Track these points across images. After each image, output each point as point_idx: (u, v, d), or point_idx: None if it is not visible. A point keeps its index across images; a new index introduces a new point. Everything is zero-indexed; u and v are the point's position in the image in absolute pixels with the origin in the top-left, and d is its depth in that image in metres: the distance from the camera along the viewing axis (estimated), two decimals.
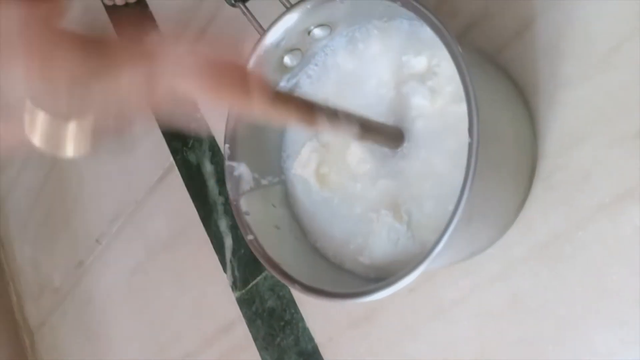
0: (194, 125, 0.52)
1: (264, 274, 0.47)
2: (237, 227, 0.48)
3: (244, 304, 0.48)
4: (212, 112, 0.52)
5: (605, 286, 0.30)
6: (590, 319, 0.30)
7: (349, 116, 0.28)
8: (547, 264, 0.32)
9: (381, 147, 0.31)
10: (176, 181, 0.55)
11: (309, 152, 0.35)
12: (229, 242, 0.50)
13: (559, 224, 0.31)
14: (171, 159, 0.55)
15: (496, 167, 0.27)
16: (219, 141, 0.51)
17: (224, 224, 0.51)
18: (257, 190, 0.35)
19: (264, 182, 0.36)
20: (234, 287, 0.49)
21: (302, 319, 0.44)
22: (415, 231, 0.30)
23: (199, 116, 0.53)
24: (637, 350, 0.28)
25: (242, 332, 0.48)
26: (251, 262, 0.48)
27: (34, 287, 0.76)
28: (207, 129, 0.52)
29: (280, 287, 0.46)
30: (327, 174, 0.35)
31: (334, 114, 0.27)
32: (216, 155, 0.52)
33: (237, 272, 0.49)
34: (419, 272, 0.25)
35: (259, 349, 0.46)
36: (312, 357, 0.42)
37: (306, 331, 0.43)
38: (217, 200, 0.51)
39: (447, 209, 0.26)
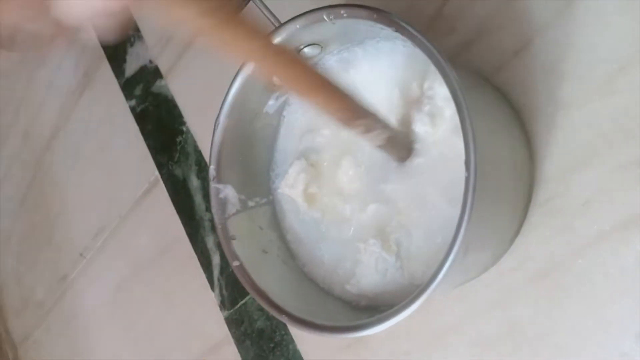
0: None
1: None
2: None
3: (233, 323, 0.47)
4: (198, 125, 0.51)
5: (604, 318, 0.29)
6: (590, 350, 0.29)
7: (381, 121, 0.28)
8: (545, 292, 0.31)
9: (390, 156, 0.30)
10: (162, 196, 0.53)
11: (297, 171, 0.34)
12: (216, 259, 0.49)
13: (558, 252, 0.30)
14: (156, 172, 0.54)
15: (493, 198, 0.26)
16: (206, 155, 0.50)
17: (211, 241, 0.49)
18: (244, 212, 0.34)
19: (251, 203, 0.35)
20: (222, 306, 0.48)
21: (292, 340, 0.43)
22: (404, 262, 0.29)
23: (185, 129, 0.52)
24: None
25: (230, 353, 0.46)
26: (239, 282, 0.47)
27: (17, 301, 0.75)
28: (194, 142, 0.51)
29: None
30: (316, 193, 0.34)
31: (374, 117, 0.27)
32: (203, 169, 0.50)
33: (225, 291, 0.48)
34: (414, 309, 0.24)
35: None
36: None
37: (297, 353, 0.42)
38: (204, 216, 0.50)
39: (436, 241, 0.25)
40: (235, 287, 0.47)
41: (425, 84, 0.28)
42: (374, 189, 0.32)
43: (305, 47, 0.30)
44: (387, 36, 0.29)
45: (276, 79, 0.25)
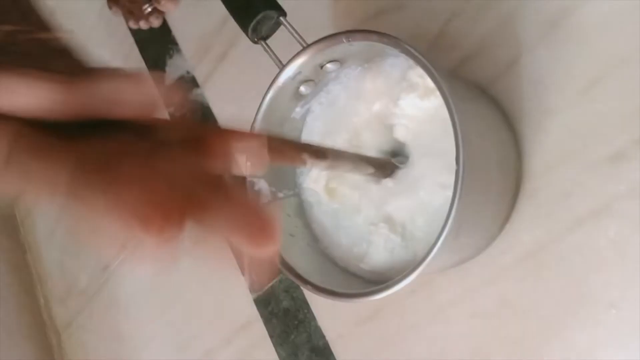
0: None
1: (279, 277, 0.51)
2: None
3: (261, 304, 0.52)
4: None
5: (582, 291, 0.34)
6: (569, 319, 0.34)
7: (350, 155, 0.31)
8: (531, 271, 0.36)
9: (373, 177, 0.35)
10: None
11: (319, 169, 0.40)
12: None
13: (542, 236, 0.35)
14: None
15: (482, 188, 0.31)
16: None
17: None
18: (274, 202, 0.40)
19: (280, 195, 0.40)
20: (252, 289, 0.53)
21: (314, 318, 0.48)
22: (408, 242, 0.34)
23: None
24: (609, 346, 0.32)
25: (259, 330, 0.52)
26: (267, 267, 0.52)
27: (61, 289, 0.81)
28: None
29: (294, 289, 0.50)
30: (335, 188, 0.40)
31: (338, 154, 0.30)
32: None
33: (254, 276, 0.53)
34: (413, 278, 0.30)
35: (275, 346, 0.51)
36: (323, 352, 0.47)
37: (318, 329, 0.48)
38: None
39: (435, 225, 0.31)
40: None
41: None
42: (383, 186, 0.37)
43: (327, 63, 0.36)
44: (396, 55, 0.34)
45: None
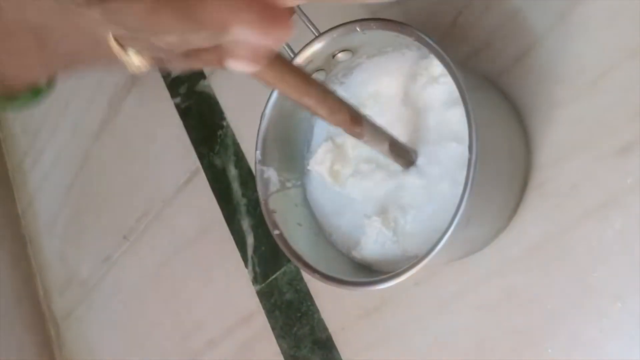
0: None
1: (282, 269, 0.51)
2: (259, 226, 0.53)
3: (264, 296, 0.52)
4: (237, 120, 0.57)
5: (588, 283, 0.34)
6: (574, 311, 0.34)
7: (384, 132, 0.32)
8: (538, 263, 0.36)
9: (395, 163, 0.35)
10: (202, 183, 0.59)
11: (325, 151, 0.39)
12: (250, 239, 0.55)
13: (549, 228, 0.35)
14: (198, 162, 0.60)
15: (492, 178, 0.32)
16: (244, 148, 0.56)
17: (246, 223, 0.55)
18: (283, 191, 0.40)
19: (289, 184, 0.41)
20: (255, 281, 0.53)
21: (317, 310, 0.48)
22: (399, 237, 0.35)
23: (225, 124, 0.58)
24: (614, 338, 0.33)
25: (261, 322, 0.52)
26: (271, 259, 0.52)
27: (61, 280, 0.81)
28: (233, 135, 0.57)
29: (297, 281, 0.50)
30: (339, 170, 0.40)
31: (374, 126, 0.31)
32: (240, 160, 0.56)
33: (257, 268, 0.54)
34: (422, 266, 0.30)
35: (277, 338, 0.51)
36: (326, 345, 0.47)
37: (321, 321, 0.48)
38: (241, 201, 0.56)
39: (427, 224, 0.31)
40: (267, 263, 0.53)
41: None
42: (386, 173, 0.37)
43: (339, 52, 0.36)
44: (408, 45, 0.34)
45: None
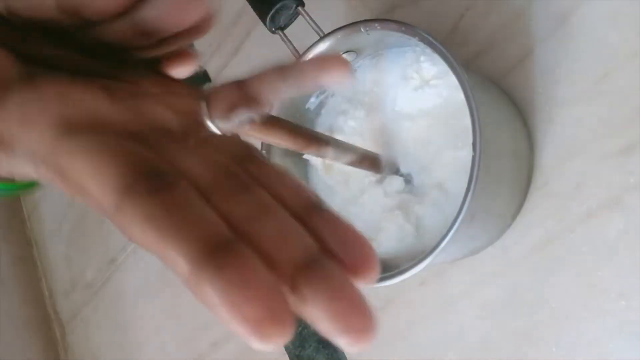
0: None
1: None
2: None
3: None
4: None
5: (591, 282, 0.34)
6: (578, 310, 0.34)
7: (349, 148, 0.31)
8: (542, 262, 0.36)
9: (367, 171, 0.35)
10: None
11: None
12: None
13: (553, 227, 0.36)
14: None
15: (496, 177, 0.32)
16: None
17: None
18: None
19: None
20: None
21: None
22: (419, 232, 0.35)
23: None
24: (619, 336, 0.33)
25: None
26: None
27: (66, 283, 0.81)
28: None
29: None
30: (332, 164, 0.40)
31: (338, 145, 0.30)
32: None
33: None
34: (426, 264, 0.30)
35: None
36: (330, 344, 0.47)
37: None
38: None
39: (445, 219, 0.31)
40: None
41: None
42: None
43: (343, 53, 0.36)
44: (411, 45, 0.35)
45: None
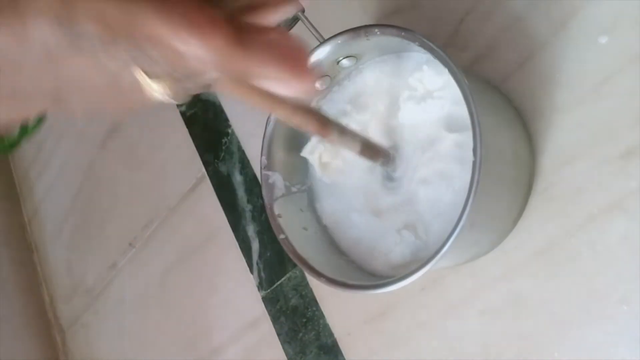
0: None
1: (287, 275, 0.51)
2: (264, 232, 0.54)
3: (269, 302, 0.53)
4: (242, 127, 0.58)
5: (593, 286, 0.34)
6: (580, 314, 0.34)
7: (354, 134, 0.32)
8: (543, 267, 0.36)
9: (375, 163, 0.35)
10: (207, 190, 0.59)
11: (317, 142, 0.40)
12: (255, 246, 0.55)
13: (554, 232, 0.36)
14: (203, 169, 0.60)
15: (497, 182, 0.32)
16: (249, 155, 0.56)
17: (251, 230, 0.55)
18: (288, 196, 0.40)
19: (294, 189, 0.41)
20: (260, 287, 0.54)
21: (322, 315, 0.48)
22: (427, 243, 0.35)
23: (230, 131, 0.59)
24: (620, 342, 0.33)
25: (267, 328, 0.52)
26: (276, 265, 0.53)
27: (66, 288, 0.81)
28: (238, 142, 0.58)
29: (302, 286, 0.50)
30: (328, 162, 0.40)
31: (343, 130, 0.31)
32: (246, 167, 0.57)
33: (263, 274, 0.54)
34: (427, 269, 0.30)
35: (283, 343, 0.51)
36: (331, 350, 0.47)
37: (326, 327, 0.48)
38: (246, 207, 0.56)
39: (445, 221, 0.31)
40: (272, 269, 0.53)
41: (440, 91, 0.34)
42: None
43: (343, 58, 0.36)
44: (411, 50, 0.35)
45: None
